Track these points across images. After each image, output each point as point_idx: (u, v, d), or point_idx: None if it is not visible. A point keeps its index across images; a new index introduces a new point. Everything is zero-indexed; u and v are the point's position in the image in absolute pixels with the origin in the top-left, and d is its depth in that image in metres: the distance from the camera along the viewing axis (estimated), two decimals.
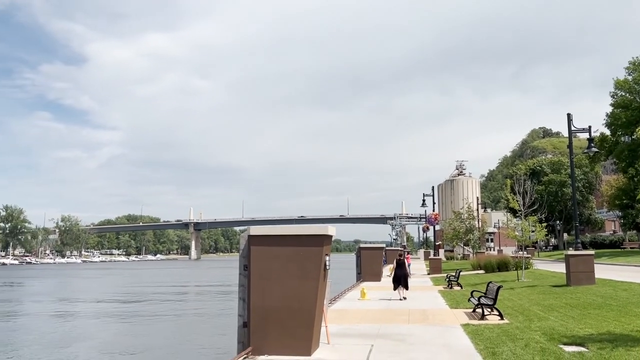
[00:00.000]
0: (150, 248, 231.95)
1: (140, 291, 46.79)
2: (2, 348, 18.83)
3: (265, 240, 8.17)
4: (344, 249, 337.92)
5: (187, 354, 17.50)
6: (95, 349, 18.70)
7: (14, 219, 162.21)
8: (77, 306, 34.71)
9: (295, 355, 7.71)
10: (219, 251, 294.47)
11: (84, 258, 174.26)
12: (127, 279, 70.90)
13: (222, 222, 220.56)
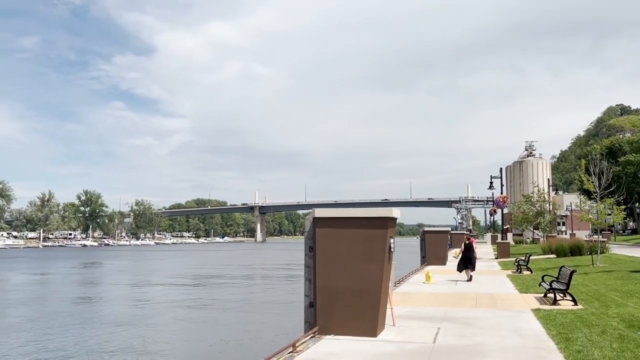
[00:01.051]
0: (218, 231, 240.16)
1: (210, 271, 48.73)
2: (85, 323, 20.25)
3: (330, 222, 8.25)
4: (407, 233, 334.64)
5: (256, 331, 18.10)
6: (171, 323, 19.73)
7: (92, 203, 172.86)
8: (153, 283, 36.70)
9: (360, 336, 7.79)
10: (283, 234, 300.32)
11: (156, 240, 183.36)
12: (198, 259, 74.02)
13: (285, 205, 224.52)
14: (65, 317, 21.63)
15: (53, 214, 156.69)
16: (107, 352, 14.98)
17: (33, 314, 22.51)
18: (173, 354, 14.94)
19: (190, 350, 15.66)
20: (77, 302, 26.86)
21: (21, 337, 17.32)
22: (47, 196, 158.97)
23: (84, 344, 16.04)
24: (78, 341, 16.54)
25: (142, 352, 14.91)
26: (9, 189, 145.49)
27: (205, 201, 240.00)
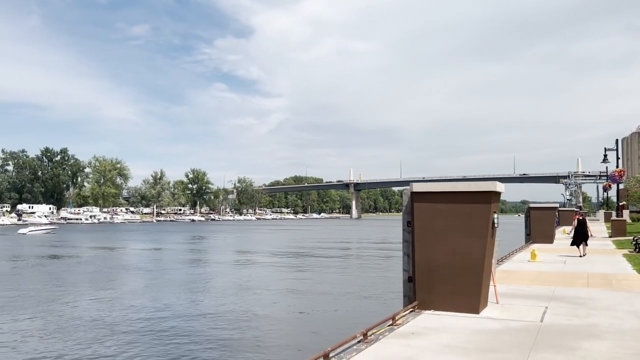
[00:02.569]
0: (315, 207, 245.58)
1: (308, 245, 50.16)
2: (197, 291, 21.80)
3: (428, 197, 8.11)
4: (510, 210, 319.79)
5: (353, 303, 18.43)
6: (273, 293, 20.66)
7: (199, 181, 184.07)
8: (256, 255, 38.57)
9: (462, 312, 7.65)
10: (378, 211, 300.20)
11: (257, 216, 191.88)
12: (296, 234, 76.49)
13: (380, 182, 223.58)
14: (179, 284, 23.44)
15: (164, 191, 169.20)
16: (219, 315, 16.03)
17: (153, 281, 24.64)
18: (275, 322, 15.65)
19: (292, 319, 16.32)
20: (190, 272, 28.95)
21: (143, 301, 19.05)
22: (159, 174, 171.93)
23: (196, 308, 17.30)
24: (190, 305, 17.87)
25: (249, 319, 15.78)
26: (126, 169, 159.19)
27: (302, 178, 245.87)
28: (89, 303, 18.73)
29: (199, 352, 12.12)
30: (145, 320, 15.68)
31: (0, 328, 14.61)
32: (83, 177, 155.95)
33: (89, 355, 11.87)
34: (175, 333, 14.00)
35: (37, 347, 12.63)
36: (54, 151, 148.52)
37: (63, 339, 13.39)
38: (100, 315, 16.35)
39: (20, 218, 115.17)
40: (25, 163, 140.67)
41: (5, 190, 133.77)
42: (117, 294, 20.97)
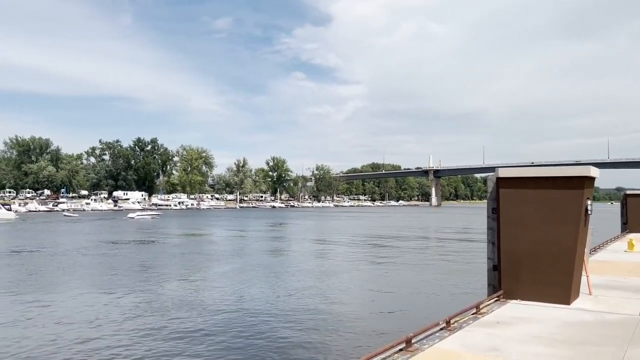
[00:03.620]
0: (393, 194, 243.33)
1: (387, 232, 49.94)
2: (279, 274, 22.46)
3: (515, 183, 7.79)
4: (603, 198, 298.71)
5: (434, 291, 18.18)
6: (353, 278, 20.86)
7: (279, 169, 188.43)
8: (335, 241, 38.99)
9: (551, 302, 7.32)
10: (459, 198, 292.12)
11: (335, 203, 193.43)
12: (374, 221, 76.38)
13: (461, 169, 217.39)
14: (263, 268, 24.27)
15: (247, 178, 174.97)
16: (300, 299, 16.45)
17: (238, 265, 25.70)
18: (355, 307, 15.80)
19: (372, 305, 16.39)
20: (272, 256, 29.86)
21: (231, 283, 19.96)
22: (242, 163, 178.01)
23: (278, 291, 17.86)
24: (272, 288, 18.47)
25: (329, 303, 16.05)
26: (211, 157, 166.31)
27: (379, 165, 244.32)
28: (182, 283, 19.89)
29: (279, 334, 12.52)
30: (229, 301, 16.42)
31: (103, 303, 15.91)
32: (172, 166, 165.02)
33: (176, 332, 12.64)
34: (257, 314, 14.54)
35: (132, 323, 13.63)
36: (145, 141, 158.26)
37: (156, 316, 14.35)
38: (190, 296, 17.32)
39: (116, 204, 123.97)
40: (120, 153, 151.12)
41: (103, 178, 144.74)
42: (207, 276, 22.09)
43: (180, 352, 11.04)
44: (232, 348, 11.35)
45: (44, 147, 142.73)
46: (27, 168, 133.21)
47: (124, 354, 10.89)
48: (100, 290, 18.32)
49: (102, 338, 12.06)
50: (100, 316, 14.24)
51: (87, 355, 10.84)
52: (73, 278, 21.25)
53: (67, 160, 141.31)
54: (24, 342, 11.70)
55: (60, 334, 12.38)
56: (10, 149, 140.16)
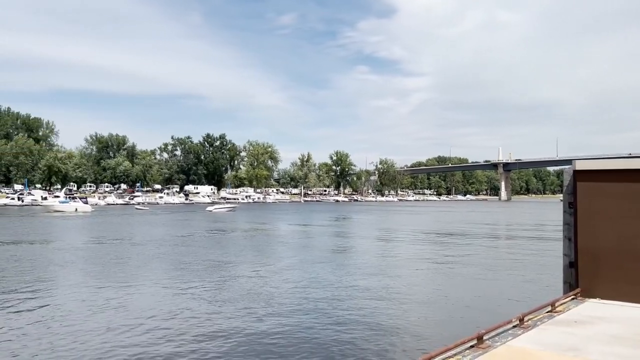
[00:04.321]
0: (460, 188, 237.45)
1: (453, 227, 48.85)
2: (346, 268, 22.57)
3: (594, 175, 7.39)
4: None
5: (505, 288, 17.62)
6: (424, 274, 20.60)
7: (342, 163, 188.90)
8: (399, 236, 38.64)
9: (636, 302, 6.90)
10: (530, 192, 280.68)
11: (399, 197, 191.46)
12: (440, 216, 74.93)
13: (533, 162, 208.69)
14: (329, 261, 24.48)
15: (311, 172, 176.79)
16: (366, 292, 16.48)
17: (305, 257, 26.09)
18: (423, 302, 15.62)
19: (440, 300, 16.13)
20: (337, 250, 30.05)
21: (298, 275, 20.32)
22: (306, 157, 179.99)
23: (345, 284, 17.96)
24: (338, 281, 18.60)
25: (396, 297, 15.96)
26: (276, 152, 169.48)
27: (445, 159, 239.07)
28: (251, 275, 20.45)
29: (345, 327, 12.60)
30: (295, 294, 16.71)
31: (178, 292, 16.69)
32: (239, 161, 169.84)
33: (245, 320, 13.03)
34: (322, 307, 14.70)
35: (204, 310, 14.20)
36: (214, 137, 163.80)
37: (226, 305, 14.86)
38: (258, 288, 17.78)
39: (187, 197, 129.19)
40: (190, 148, 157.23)
41: (174, 172, 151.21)
42: (275, 268, 22.59)
43: (243, 344, 11.38)
44: (299, 342, 11.55)
45: (121, 143, 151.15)
46: (105, 163, 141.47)
47: (194, 342, 11.38)
48: (177, 279, 19.19)
49: (177, 327, 12.64)
50: (177, 306, 14.93)
51: (161, 343, 11.41)
52: (152, 268, 22.39)
53: (142, 156, 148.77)
54: (108, 333, 12.48)
55: (139, 323, 13.10)
56: (90, 146, 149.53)
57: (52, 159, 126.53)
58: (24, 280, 18.68)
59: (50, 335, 11.78)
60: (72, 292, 16.78)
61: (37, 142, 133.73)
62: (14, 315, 13.67)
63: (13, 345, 11.06)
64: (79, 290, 17.03)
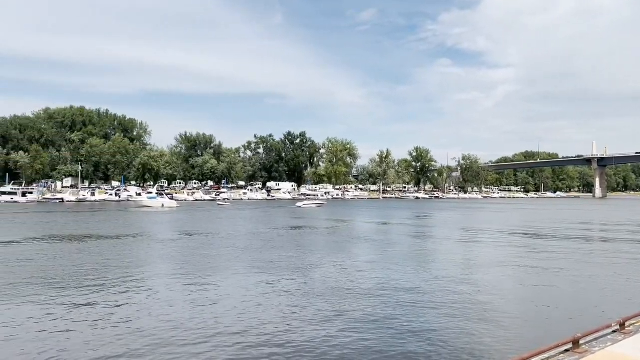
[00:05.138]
0: (549, 185, 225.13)
1: (544, 226, 46.39)
2: (427, 266, 22.22)
3: None
4: None
5: (602, 290, 16.52)
6: (512, 274, 19.82)
7: (422, 159, 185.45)
8: (485, 234, 37.28)
9: None
10: (628, 189, 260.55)
11: (483, 194, 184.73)
12: (528, 214, 71.42)
13: (632, 156, 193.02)
14: (409, 258, 24.23)
15: (390, 169, 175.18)
16: (449, 291, 16.15)
17: (387, 253, 26.01)
18: (513, 302, 15.04)
19: (531, 301, 15.45)
20: (417, 247, 29.62)
21: (381, 270, 20.31)
22: (385, 153, 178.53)
23: (426, 282, 17.70)
24: (419, 279, 18.35)
25: (482, 296, 15.49)
26: (355, 149, 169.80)
27: (533, 154, 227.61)
28: (335, 269, 20.70)
29: (432, 326, 12.43)
30: (379, 290, 16.70)
31: (265, 284, 17.27)
32: (318, 158, 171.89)
33: (328, 315, 13.21)
34: (407, 305, 14.57)
35: (286, 304, 14.57)
36: (294, 135, 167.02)
37: (307, 299, 15.15)
38: (341, 282, 17.97)
39: (269, 194, 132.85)
40: (272, 146, 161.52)
41: (257, 170, 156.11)
42: (358, 263, 22.73)
43: (323, 338, 11.55)
44: (390, 339, 11.56)
45: (208, 142, 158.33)
46: (193, 161, 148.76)
47: (278, 334, 11.73)
48: (263, 272, 19.85)
49: (263, 319, 13.10)
50: (263, 298, 15.47)
51: (248, 333, 11.87)
52: (240, 261, 23.32)
53: (227, 153, 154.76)
54: (191, 321, 13.18)
55: (224, 312, 13.72)
56: (180, 144, 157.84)
57: (146, 158, 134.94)
58: (121, 273, 20.18)
59: (154, 323, 12.66)
60: (166, 285, 17.90)
61: (132, 141, 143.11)
62: (119, 305, 14.83)
63: (120, 332, 12.01)
64: (173, 283, 18.12)
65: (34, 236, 33.32)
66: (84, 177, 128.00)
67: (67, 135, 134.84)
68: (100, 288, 16.65)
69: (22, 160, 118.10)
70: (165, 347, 10.75)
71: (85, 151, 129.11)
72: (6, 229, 39.11)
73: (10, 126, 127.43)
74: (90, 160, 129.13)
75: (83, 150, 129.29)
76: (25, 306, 14.14)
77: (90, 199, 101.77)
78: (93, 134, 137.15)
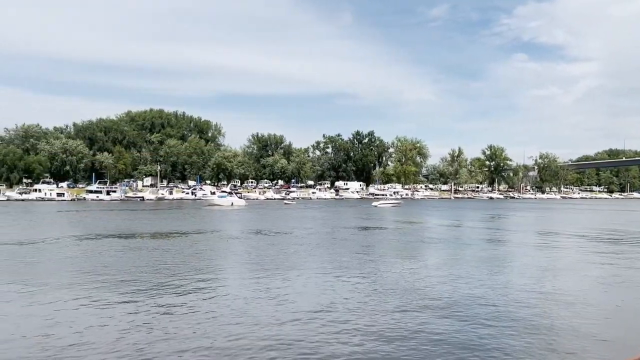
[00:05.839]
0: (636, 185, 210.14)
1: (631, 230, 43.39)
2: (502, 269, 21.47)
3: None
4: None
5: None
6: (591, 281, 18.77)
7: (496, 157, 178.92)
8: (564, 238, 35.40)
9: None
10: None
11: (562, 194, 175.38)
12: (614, 216, 67.07)
13: None
14: (482, 261, 23.51)
15: (462, 168, 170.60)
16: (525, 297, 15.53)
17: (458, 255, 25.43)
18: (591, 311, 14.22)
19: (610, 310, 14.56)
20: (491, 249, 28.63)
21: (453, 272, 19.90)
22: (457, 152, 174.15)
23: (500, 287, 17.11)
24: (493, 283, 17.76)
25: (559, 304, 14.79)
26: (425, 147, 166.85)
27: (618, 152, 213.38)
28: (405, 269, 20.52)
29: (516, 331, 12.03)
30: (450, 293, 16.36)
31: (336, 282, 17.42)
32: (387, 157, 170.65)
33: (399, 316, 13.10)
34: (488, 310, 14.17)
35: (356, 302, 14.60)
36: (362, 134, 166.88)
37: (386, 299, 15.10)
38: (416, 282, 17.76)
39: (337, 193, 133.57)
40: (340, 146, 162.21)
41: (326, 169, 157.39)
42: (427, 264, 22.40)
43: (397, 339, 11.46)
44: (469, 343, 11.33)
45: (278, 142, 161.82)
46: (264, 161, 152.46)
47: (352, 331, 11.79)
48: (335, 269, 20.03)
49: (338, 319, 13.22)
50: (336, 295, 15.61)
51: (324, 333, 12.03)
52: (309, 258, 23.66)
53: (297, 153, 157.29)
54: (279, 319, 13.52)
55: (305, 311, 13.98)
56: (252, 145, 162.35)
57: (220, 158, 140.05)
58: (201, 269, 21.06)
59: (234, 317, 13.15)
60: (242, 280, 18.50)
61: (207, 142, 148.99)
62: (204, 299, 15.51)
63: (202, 322, 12.58)
64: (248, 278, 18.69)
65: (121, 232, 35.59)
66: (162, 177, 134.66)
67: (147, 136, 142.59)
68: (180, 284, 17.48)
69: (106, 160, 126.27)
70: (246, 341, 11.11)
71: (163, 152, 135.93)
72: (100, 226, 41.98)
73: (96, 128, 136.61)
74: (168, 160, 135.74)
75: (162, 151, 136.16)
76: (116, 297, 15.10)
77: (168, 197, 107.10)
78: (171, 135, 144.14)
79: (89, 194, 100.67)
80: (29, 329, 11.93)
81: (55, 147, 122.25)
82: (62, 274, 18.95)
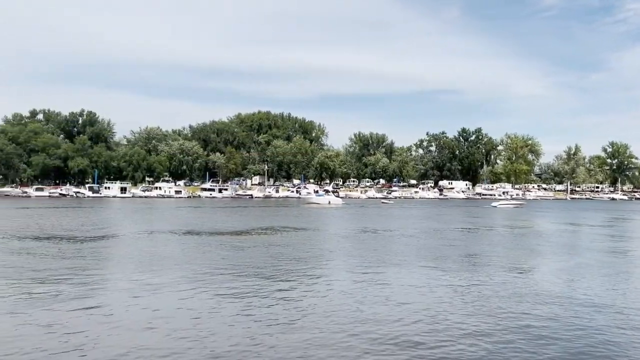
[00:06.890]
0: None
1: None
2: (621, 278, 19.81)
3: None
4: None
5: None
6: None
7: (619, 155, 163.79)
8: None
9: None
10: None
11: None
12: None
13: None
14: (602, 268, 21.85)
15: (579, 167, 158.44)
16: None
17: (580, 261, 23.87)
18: None
19: None
20: (613, 255, 26.47)
21: (571, 280, 18.75)
22: (573, 150, 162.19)
23: (624, 298, 15.85)
24: (612, 299, 16.48)
25: None
26: (537, 145, 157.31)
27: None
28: (516, 273, 19.68)
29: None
30: (564, 303, 15.45)
31: (441, 284, 17.19)
32: (496, 155, 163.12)
33: (503, 319, 12.63)
34: (594, 321, 13.25)
35: (465, 305, 14.26)
36: (469, 131, 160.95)
37: (492, 303, 14.64)
38: (525, 286, 17.00)
39: (442, 193, 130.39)
40: (445, 144, 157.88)
41: (429, 168, 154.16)
42: (541, 269, 21.26)
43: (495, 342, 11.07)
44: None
45: (380, 141, 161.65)
46: (366, 160, 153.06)
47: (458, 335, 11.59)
48: (440, 270, 19.76)
49: (436, 320, 13.08)
50: (442, 298, 15.43)
51: (420, 334, 11.96)
52: (415, 258, 23.53)
53: (399, 152, 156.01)
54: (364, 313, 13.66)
55: (406, 312, 13.99)
56: (354, 144, 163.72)
57: (323, 157, 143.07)
58: (310, 264, 21.79)
59: (336, 316, 13.55)
60: (351, 277, 18.89)
61: (310, 142, 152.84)
62: (301, 293, 16.12)
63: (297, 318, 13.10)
64: (356, 276, 19.04)
65: (239, 228, 37.91)
66: (269, 175, 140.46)
67: (255, 137, 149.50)
68: (290, 277, 18.25)
69: (219, 160, 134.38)
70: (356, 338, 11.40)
71: (270, 152, 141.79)
72: (220, 221, 45.00)
73: (210, 130, 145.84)
74: (275, 160, 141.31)
75: (269, 151, 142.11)
76: (235, 289, 16.15)
77: (275, 195, 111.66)
78: (277, 136, 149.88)
79: (203, 192, 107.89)
80: (177, 318, 13.17)
81: (174, 148, 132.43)
82: (211, 267, 20.60)
